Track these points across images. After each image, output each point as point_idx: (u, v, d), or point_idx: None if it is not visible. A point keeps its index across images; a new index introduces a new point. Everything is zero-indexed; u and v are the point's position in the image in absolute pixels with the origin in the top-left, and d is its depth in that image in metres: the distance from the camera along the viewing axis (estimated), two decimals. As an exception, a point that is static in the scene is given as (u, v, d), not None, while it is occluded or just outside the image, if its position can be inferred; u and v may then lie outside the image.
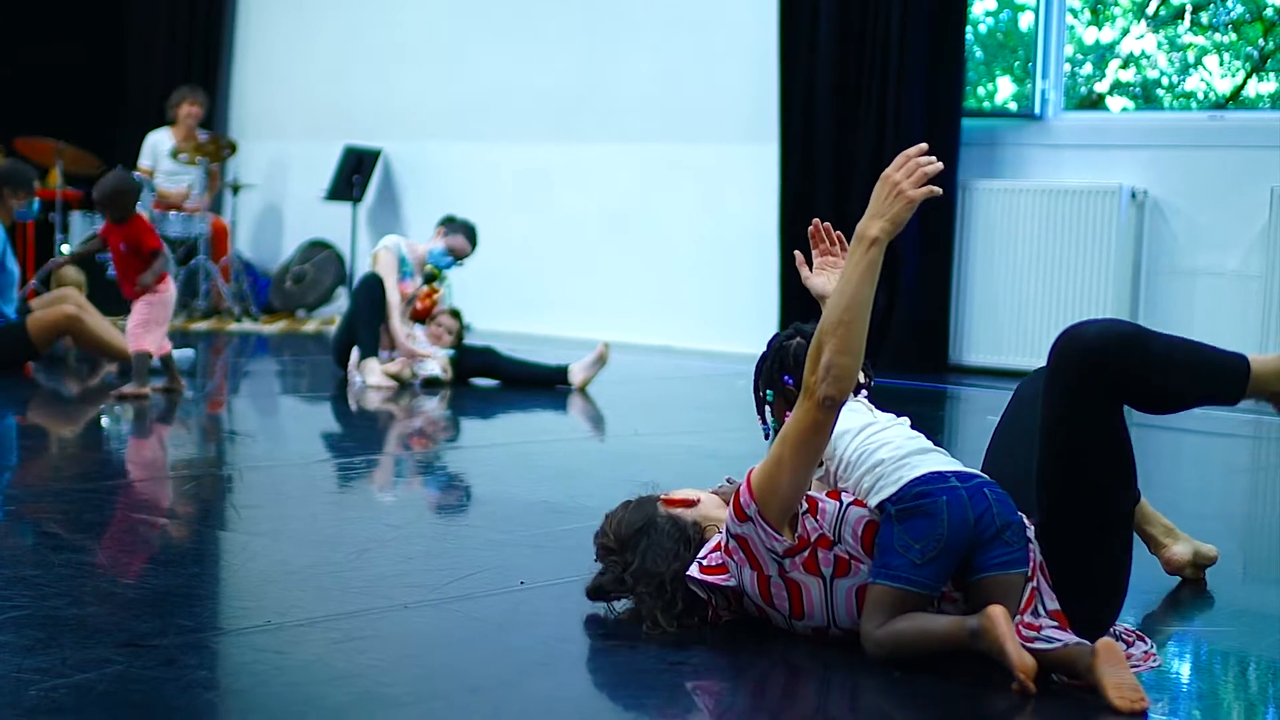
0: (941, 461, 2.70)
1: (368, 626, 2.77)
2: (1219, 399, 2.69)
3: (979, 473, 2.72)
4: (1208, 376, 2.67)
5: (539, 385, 7.00)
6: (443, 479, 4.84)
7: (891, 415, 2.88)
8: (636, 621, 2.77)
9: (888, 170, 2.60)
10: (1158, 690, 2.59)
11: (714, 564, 2.79)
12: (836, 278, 2.85)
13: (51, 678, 2.36)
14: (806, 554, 2.65)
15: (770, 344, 2.94)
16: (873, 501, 2.66)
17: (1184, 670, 2.80)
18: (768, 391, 2.90)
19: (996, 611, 2.46)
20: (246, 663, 2.58)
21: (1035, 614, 2.58)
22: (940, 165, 2.59)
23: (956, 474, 2.65)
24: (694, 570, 2.78)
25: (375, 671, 2.51)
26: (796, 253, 3.29)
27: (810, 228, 3.28)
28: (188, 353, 6.99)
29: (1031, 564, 2.61)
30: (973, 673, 2.54)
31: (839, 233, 3.25)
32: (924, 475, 2.64)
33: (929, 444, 2.78)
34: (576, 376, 6.92)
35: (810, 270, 3.24)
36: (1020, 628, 2.53)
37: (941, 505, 2.58)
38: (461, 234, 7.33)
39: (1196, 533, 3.42)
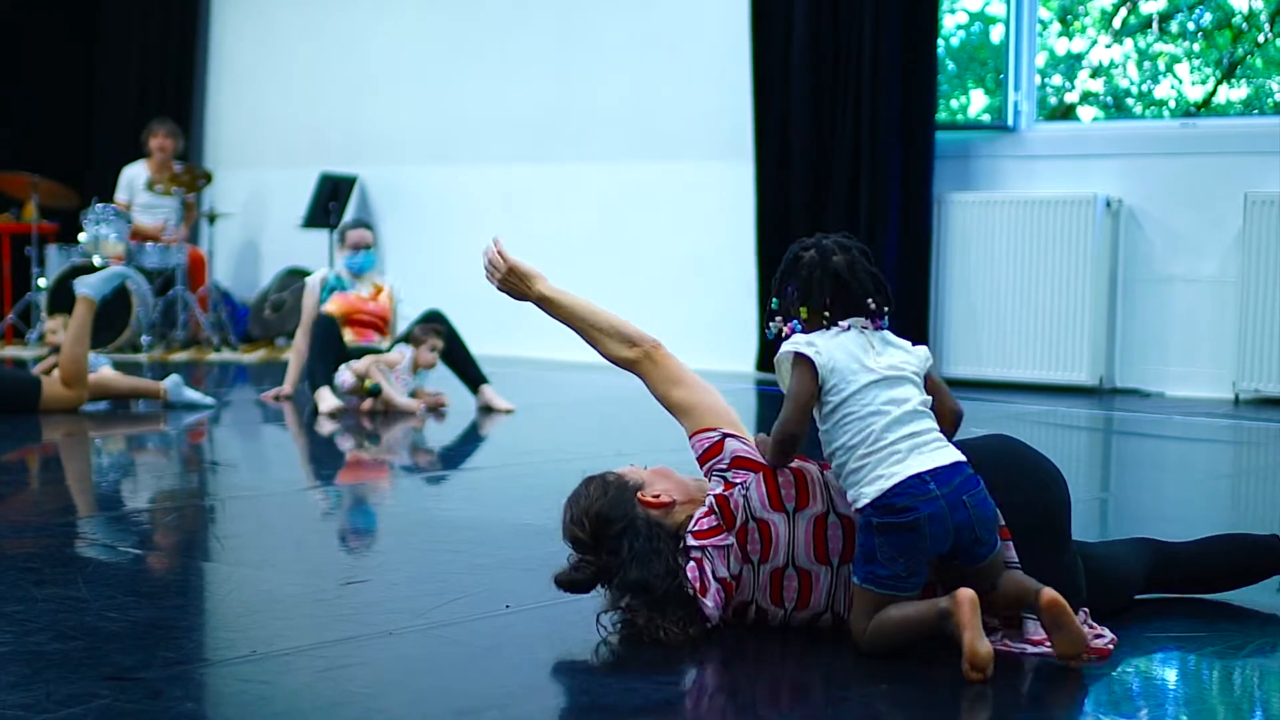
0: (925, 450, 2.70)
1: (354, 654, 2.76)
2: None
3: (959, 467, 2.71)
4: None
5: (465, 378, 7.12)
6: (424, 503, 4.83)
7: (902, 351, 2.83)
8: (646, 641, 2.77)
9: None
10: (1145, 697, 2.60)
11: (705, 528, 2.84)
12: None
13: (36, 713, 2.35)
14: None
15: (787, 253, 2.92)
16: (851, 496, 2.74)
17: (1170, 676, 2.80)
18: (774, 299, 2.92)
19: (964, 596, 2.56)
20: (233, 693, 2.57)
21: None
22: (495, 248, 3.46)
23: (935, 477, 2.67)
24: (689, 539, 2.84)
25: (363, 699, 2.50)
26: None
27: None
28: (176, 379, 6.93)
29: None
30: (963, 682, 2.55)
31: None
32: (904, 482, 2.66)
33: (918, 409, 2.75)
34: (488, 398, 6.98)
35: None
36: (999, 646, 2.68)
37: (922, 522, 2.64)
38: (348, 230, 7.44)
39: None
